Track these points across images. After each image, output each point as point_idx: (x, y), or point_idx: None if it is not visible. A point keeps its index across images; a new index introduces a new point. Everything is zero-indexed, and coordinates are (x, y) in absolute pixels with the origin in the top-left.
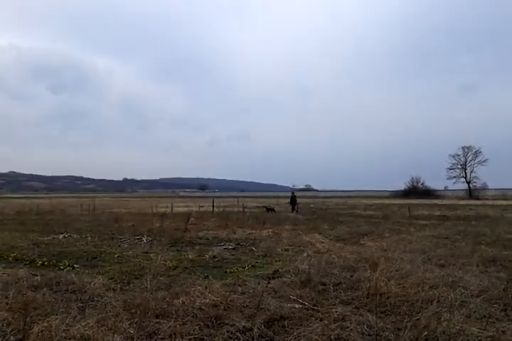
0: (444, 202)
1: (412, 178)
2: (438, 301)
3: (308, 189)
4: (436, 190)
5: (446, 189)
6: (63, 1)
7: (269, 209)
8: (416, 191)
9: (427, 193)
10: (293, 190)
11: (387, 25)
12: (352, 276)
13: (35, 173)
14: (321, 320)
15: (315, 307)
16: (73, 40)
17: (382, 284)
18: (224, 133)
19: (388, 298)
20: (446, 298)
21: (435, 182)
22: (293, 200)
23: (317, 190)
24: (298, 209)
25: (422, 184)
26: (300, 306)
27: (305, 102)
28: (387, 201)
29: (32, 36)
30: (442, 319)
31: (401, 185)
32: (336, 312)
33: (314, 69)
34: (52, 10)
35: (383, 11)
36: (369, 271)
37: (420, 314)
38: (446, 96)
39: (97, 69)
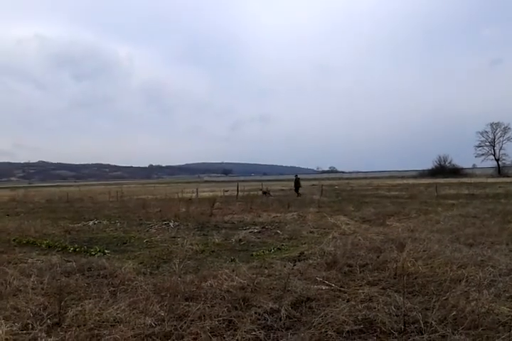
0: (472, 180)
1: (439, 157)
2: (466, 281)
3: (332, 171)
4: (464, 169)
5: (474, 167)
6: None
7: (265, 193)
8: (443, 170)
9: (455, 172)
10: (296, 174)
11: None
12: (378, 257)
13: (63, 162)
14: (347, 301)
15: (341, 289)
16: (95, 29)
17: (409, 264)
18: (246, 117)
19: (416, 278)
20: (474, 277)
21: (463, 160)
22: (297, 183)
23: (342, 172)
24: (299, 192)
25: (450, 163)
26: (326, 288)
27: (328, 83)
28: (412, 181)
29: (55, 26)
30: (471, 298)
31: (428, 165)
32: (363, 293)
33: (338, 49)
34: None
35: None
36: (396, 251)
37: (448, 294)
38: (473, 72)
39: (118, 57)
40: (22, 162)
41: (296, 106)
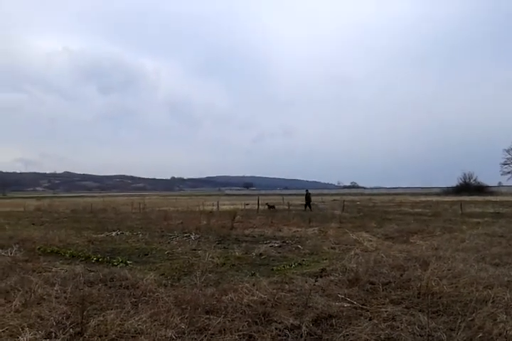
0: (498, 198)
1: (464, 174)
2: (493, 301)
3: (353, 186)
4: (489, 187)
5: (500, 185)
6: (110, 5)
7: (270, 207)
8: (468, 188)
9: (480, 190)
10: (307, 189)
11: (433, 16)
12: (402, 275)
13: (87, 173)
14: (370, 320)
15: (364, 307)
16: (122, 42)
17: (433, 283)
18: (268, 130)
19: (440, 297)
20: (501, 298)
21: (488, 178)
22: (308, 198)
23: (363, 188)
24: (310, 207)
25: (475, 180)
26: (348, 305)
27: (350, 97)
28: (436, 198)
29: (82, 39)
30: (498, 320)
31: (452, 182)
32: (386, 311)
33: (360, 61)
34: (100, 14)
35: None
36: (420, 270)
37: (474, 314)
38: (500, 86)
39: (145, 70)
40: (48, 172)
41: (318, 119)
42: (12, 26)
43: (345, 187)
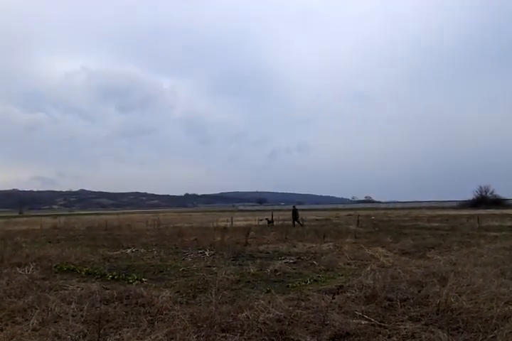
0: None
1: (481, 187)
2: None
3: (368, 200)
4: (506, 200)
5: None
6: (128, 24)
7: (270, 222)
8: (485, 201)
9: (497, 203)
10: (294, 205)
11: (448, 27)
12: (420, 291)
13: (103, 190)
14: (389, 337)
15: (382, 324)
16: (139, 61)
17: (452, 300)
18: (282, 146)
19: (460, 314)
20: None
21: (505, 191)
22: (295, 214)
23: (378, 202)
24: (302, 222)
25: (492, 193)
26: (366, 322)
27: (364, 111)
28: (452, 212)
29: (100, 59)
30: None
31: (468, 195)
32: (405, 329)
33: (374, 76)
34: (118, 33)
35: (444, 12)
36: (438, 286)
37: (496, 331)
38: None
39: (161, 88)
40: (64, 190)
41: (332, 134)
42: (31, 47)
43: (359, 201)
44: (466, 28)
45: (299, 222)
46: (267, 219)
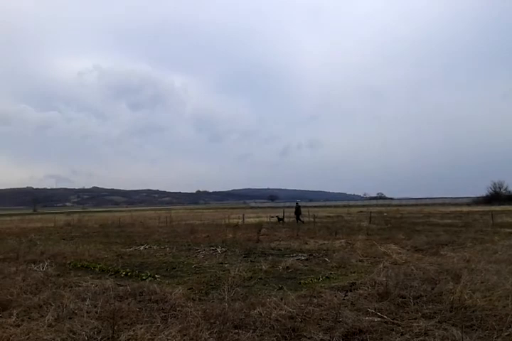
0: None
1: (494, 183)
2: None
3: (380, 197)
4: None
5: None
6: (139, 22)
7: (280, 219)
8: (499, 197)
9: (511, 199)
10: (297, 201)
11: (461, 22)
12: (433, 289)
13: (115, 188)
14: (402, 335)
15: (395, 321)
16: (150, 59)
17: (466, 297)
18: (293, 143)
19: (474, 311)
20: None
21: None
22: (297, 211)
23: (390, 198)
24: (302, 219)
25: (506, 189)
26: (379, 319)
27: (375, 107)
28: (465, 208)
29: (112, 57)
30: None
31: (481, 191)
32: (418, 326)
33: (385, 71)
34: (129, 31)
35: (456, 8)
36: (451, 283)
37: (511, 329)
38: None
39: (173, 86)
40: (77, 188)
41: (344, 131)
42: (44, 46)
43: (371, 198)
44: (479, 23)
45: (299, 219)
46: (277, 216)
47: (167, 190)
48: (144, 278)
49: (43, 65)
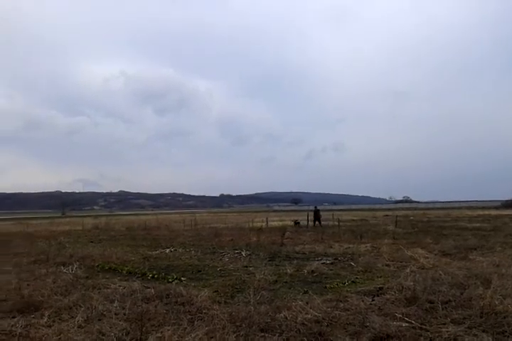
0: None
1: None
2: None
3: (406, 200)
4: None
5: None
6: (164, 28)
7: (297, 223)
8: None
9: None
10: (315, 205)
11: (486, 25)
12: (462, 294)
13: (141, 191)
14: (430, 340)
15: (423, 326)
16: (174, 64)
17: (496, 302)
18: (317, 146)
19: (505, 317)
20: None
21: None
22: (316, 215)
23: (417, 202)
24: (320, 223)
25: None
26: (407, 325)
27: (400, 109)
28: (494, 212)
29: (138, 63)
30: None
31: (510, 195)
32: (447, 331)
33: (408, 74)
34: (154, 37)
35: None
36: (481, 288)
37: None
38: None
39: (196, 90)
40: (104, 191)
41: (369, 133)
42: (72, 53)
43: (397, 201)
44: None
45: (320, 223)
46: (294, 220)
47: (191, 194)
48: (170, 280)
49: (71, 71)
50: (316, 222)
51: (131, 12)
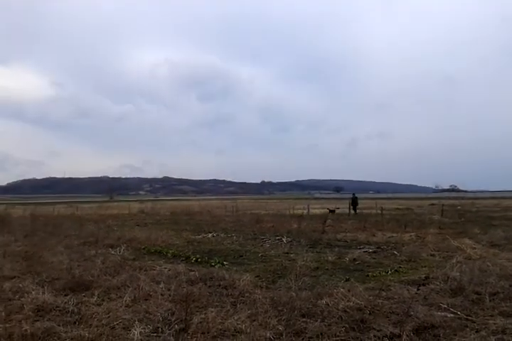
0: None
1: None
2: None
3: (453, 189)
4: None
5: None
6: (208, 15)
7: (331, 211)
8: None
9: None
10: (353, 193)
11: None
12: (511, 286)
13: (184, 177)
14: (477, 332)
15: (469, 318)
16: (218, 51)
17: None
18: (361, 133)
19: None
20: None
21: None
22: (354, 202)
23: (464, 191)
24: (356, 211)
25: None
26: (452, 315)
27: (450, 95)
28: None
29: (183, 50)
30: None
31: None
32: (495, 324)
33: (466, 60)
34: (198, 25)
35: None
36: None
37: None
38: None
39: (240, 77)
40: (149, 177)
41: (416, 120)
42: (119, 41)
43: (443, 190)
44: None
45: (355, 211)
46: (328, 208)
47: (233, 180)
48: (213, 264)
49: (119, 59)
50: (354, 210)
51: (178, 1)
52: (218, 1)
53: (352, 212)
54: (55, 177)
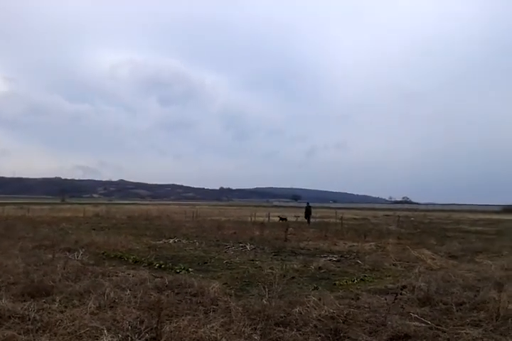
0: None
1: None
2: None
3: (406, 201)
4: None
5: None
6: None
7: (282, 219)
8: None
9: None
10: (307, 202)
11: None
12: (475, 296)
13: (141, 181)
14: None
15: (440, 328)
16: (181, 55)
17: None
18: (319, 143)
19: None
20: None
21: None
22: (307, 211)
23: (416, 203)
24: (310, 220)
25: None
26: (424, 325)
27: (405, 109)
28: (495, 216)
29: (145, 52)
30: None
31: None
32: (466, 333)
33: (423, 74)
34: (162, 28)
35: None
36: (494, 291)
37: None
38: None
39: (201, 82)
40: (104, 180)
41: (371, 133)
42: (79, 39)
43: (396, 202)
44: None
45: (309, 220)
46: (279, 216)
47: (191, 186)
48: (178, 271)
49: (78, 57)
50: (307, 219)
51: (142, 2)
52: (186, 7)
53: (306, 220)
54: (3, 177)
